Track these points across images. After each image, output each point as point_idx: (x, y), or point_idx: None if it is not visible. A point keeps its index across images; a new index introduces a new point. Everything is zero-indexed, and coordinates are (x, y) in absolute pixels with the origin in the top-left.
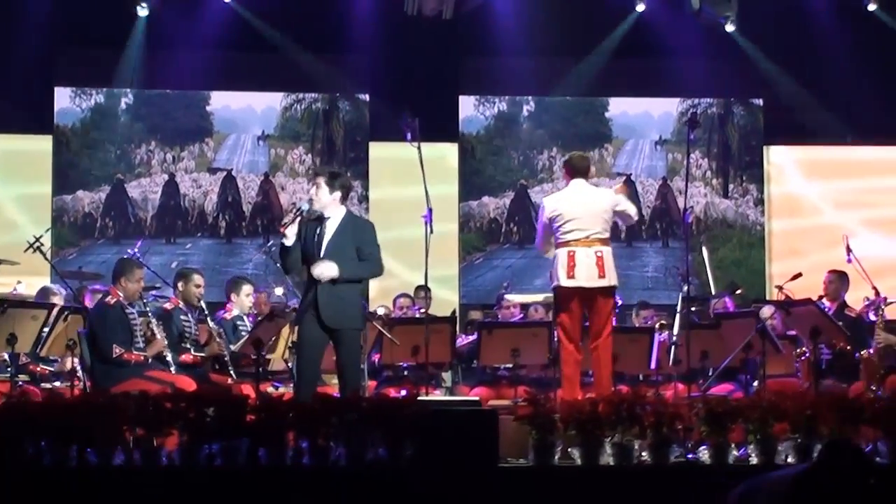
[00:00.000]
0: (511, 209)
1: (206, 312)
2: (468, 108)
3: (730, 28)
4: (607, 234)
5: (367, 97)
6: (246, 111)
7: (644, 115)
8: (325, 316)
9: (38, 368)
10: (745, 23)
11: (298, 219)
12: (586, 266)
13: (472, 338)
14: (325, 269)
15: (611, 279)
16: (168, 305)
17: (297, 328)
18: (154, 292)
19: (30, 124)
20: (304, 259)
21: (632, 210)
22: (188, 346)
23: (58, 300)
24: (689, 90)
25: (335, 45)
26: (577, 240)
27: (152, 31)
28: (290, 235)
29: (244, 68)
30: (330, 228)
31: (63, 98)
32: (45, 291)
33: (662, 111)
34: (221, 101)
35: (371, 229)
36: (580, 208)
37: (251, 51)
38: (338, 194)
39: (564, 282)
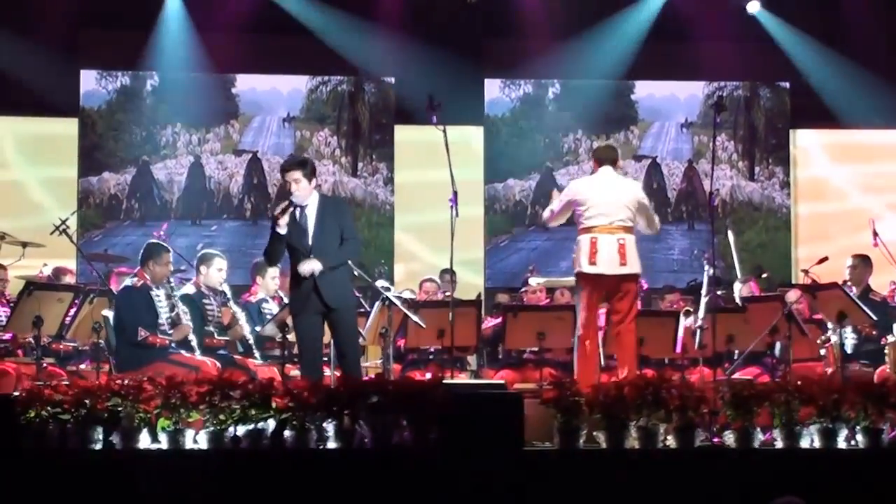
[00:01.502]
0: (536, 192)
1: (229, 296)
2: (493, 90)
3: (753, 10)
4: (631, 224)
5: (392, 80)
6: (271, 93)
7: (670, 98)
8: (328, 296)
9: (62, 346)
10: (772, 4)
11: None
12: (608, 253)
13: (497, 321)
14: (309, 265)
15: (633, 267)
16: (191, 289)
17: (293, 315)
18: (178, 275)
19: (55, 107)
20: (288, 248)
21: (656, 219)
22: (211, 329)
23: (70, 279)
24: (716, 73)
25: (361, 28)
26: (600, 226)
27: (178, 14)
28: (283, 224)
29: (270, 51)
30: (310, 214)
31: (89, 80)
32: (57, 271)
33: (688, 94)
34: (247, 84)
35: (348, 209)
36: (605, 195)
37: (277, 33)
38: (314, 181)
39: (586, 268)
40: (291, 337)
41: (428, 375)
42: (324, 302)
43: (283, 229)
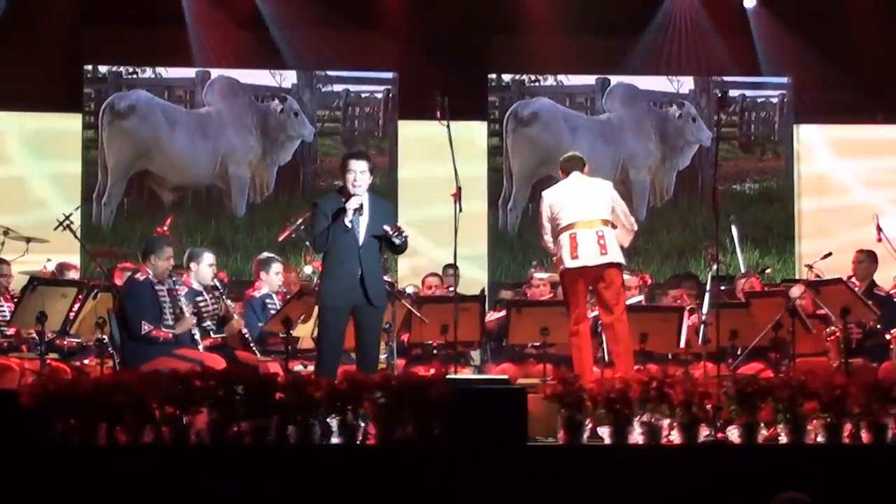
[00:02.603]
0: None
1: (222, 290)
2: (492, 74)
3: (748, 4)
4: (609, 217)
5: (395, 75)
6: (275, 88)
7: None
8: (373, 293)
9: (66, 342)
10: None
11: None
12: (588, 245)
13: (501, 314)
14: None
15: (613, 256)
16: (181, 288)
17: (327, 307)
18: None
19: (59, 102)
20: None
21: (631, 218)
22: (208, 325)
23: (74, 274)
24: (718, 68)
25: (364, 22)
26: (578, 222)
27: (182, 9)
28: (349, 221)
29: (272, 45)
30: (364, 210)
31: (92, 75)
32: (61, 267)
33: (690, 89)
34: (250, 78)
35: (393, 209)
36: (579, 193)
37: (279, 28)
38: (372, 177)
39: (569, 263)
40: (294, 332)
41: (431, 371)
42: (368, 297)
43: (350, 223)
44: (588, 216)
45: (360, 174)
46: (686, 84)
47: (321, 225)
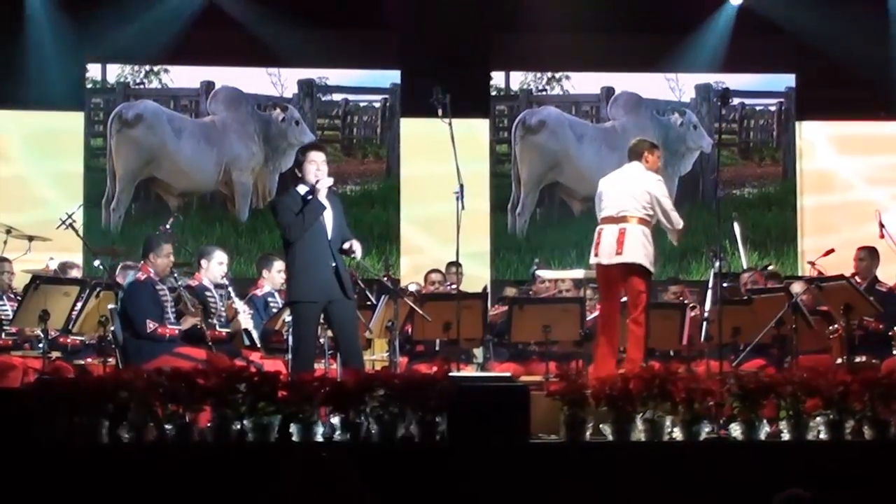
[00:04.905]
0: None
1: (231, 289)
2: (500, 83)
3: (736, 2)
4: (639, 214)
5: (398, 72)
6: (278, 86)
7: (676, 90)
8: (347, 285)
9: (68, 340)
10: None
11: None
12: (608, 243)
13: (503, 308)
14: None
15: (629, 255)
16: (192, 282)
17: (305, 302)
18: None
19: (61, 100)
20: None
21: (673, 216)
22: (214, 321)
23: (76, 273)
24: (720, 65)
25: (367, 21)
26: (607, 217)
27: (182, 7)
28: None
29: (275, 44)
30: (325, 202)
31: (95, 74)
32: (63, 265)
33: (692, 98)
34: (253, 88)
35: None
36: (617, 187)
37: (282, 27)
38: None
39: (592, 259)
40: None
41: (434, 368)
42: (344, 290)
43: (326, 200)
44: (617, 213)
45: (321, 164)
46: (687, 92)
47: (291, 215)
